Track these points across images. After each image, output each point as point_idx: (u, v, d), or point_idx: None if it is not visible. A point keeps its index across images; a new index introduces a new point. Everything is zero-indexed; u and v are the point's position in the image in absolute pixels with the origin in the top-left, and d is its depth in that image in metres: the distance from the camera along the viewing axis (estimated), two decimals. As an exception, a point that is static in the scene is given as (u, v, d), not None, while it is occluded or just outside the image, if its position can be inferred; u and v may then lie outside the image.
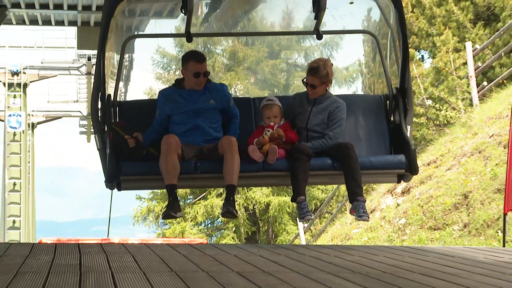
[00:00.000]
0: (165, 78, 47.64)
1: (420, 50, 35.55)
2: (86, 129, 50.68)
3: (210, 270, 7.20)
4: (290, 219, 40.98)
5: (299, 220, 10.12)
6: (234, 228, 40.59)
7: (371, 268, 7.56)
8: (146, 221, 43.33)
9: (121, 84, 10.18)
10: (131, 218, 43.84)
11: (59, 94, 52.92)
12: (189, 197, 42.31)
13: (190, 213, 41.36)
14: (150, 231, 42.92)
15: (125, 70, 10.89)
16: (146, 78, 50.50)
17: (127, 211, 44.79)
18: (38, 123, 52.63)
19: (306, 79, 9.75)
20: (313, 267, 7.50)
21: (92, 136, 43.68)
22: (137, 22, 24.06)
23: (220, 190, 39.27)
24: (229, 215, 9.49)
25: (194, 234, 39.75)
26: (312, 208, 39.15)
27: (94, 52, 9.83)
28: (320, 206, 33.07)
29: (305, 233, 29.96)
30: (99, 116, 9.53)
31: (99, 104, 9.51)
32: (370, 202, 25.59)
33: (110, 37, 9.45)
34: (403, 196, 22.84)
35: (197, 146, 9.79)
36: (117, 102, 9.94)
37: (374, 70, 39.00)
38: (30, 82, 50.16)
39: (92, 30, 24.43)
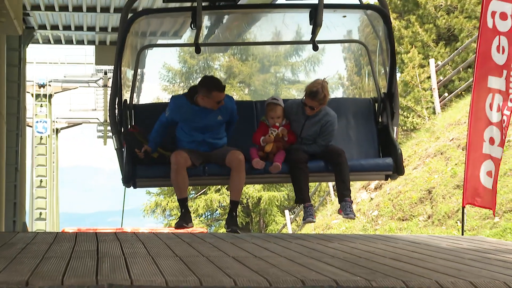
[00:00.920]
0: (170, 90, 47.60)
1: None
2: (102, 133, 50.55)
3: (209, 255, 7.18)
4: (278, 211, 40.94)
5: (303, 221, 9.84)
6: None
7: (349, 253, 7.54)
8: (155, 213, 43.43)
9: (134, 93, 10.03)
10: (142, 210, 43.92)
11: (80, 103, 52.89)
12: (191, 192, 42.27)
13: (192, 206, 41.37)
14: (158, 222, 42.93)
15: (137, 82, 10.55)
16: (154, 89, 50.36)
17: (138, 205, 44.78)
18: (61, 129, 52.58)
19: (305, 101, 9.35)
20: (298, 253, 7.48)
21: (108, 139, 43.10)
22: (147, 42, 24.02)
23: (218, 186, 39.20)
24: (233, 233, 9.29)
25: (196, 224, 39.65)
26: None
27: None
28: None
29: (291, 223, 29.92)
30: (116, 119, 9.33)
31: (116, 108, 9.34)
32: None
33: (125, 53, 9.29)
34: (376, 191, 22.83)
35: (203, 153, 9.53)
36: (132, 106, 9.75)
37: (355, 80, 39.05)
38: (55, 93, 50.10)
39: (108, 48, 24.35)
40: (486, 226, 15.43)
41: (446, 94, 27.36)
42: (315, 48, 9.95)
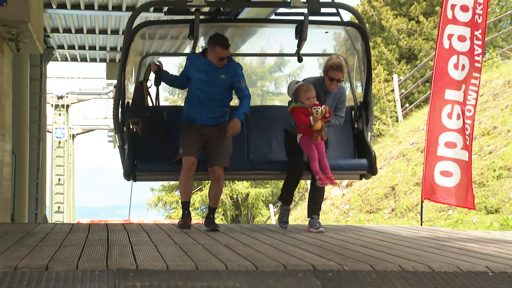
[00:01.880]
0: (170, 100, 47.50)
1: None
2: (112, 138, 50.48)
3: (204, 243, 7.17)
4: (264, 206, 40.92)
5: (278, 220, 9.53)
6: (222, 212, 40.53)
7: (324, 242, 7.54)
8: (157, 207, 43.48)
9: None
10: (146, 204, 43.96)
11: (93, 112, 52.88)
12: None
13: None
14: (160, 214, 42.87)
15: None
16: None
17: (143, 200, 44.76)
18: (77, 134, 52.54)
19: (330, 75, 8.56)
20: (280, 241, 7.47)
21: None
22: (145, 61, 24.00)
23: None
24: (214, 231, 8.64)
25: (193, 216, 39.64)
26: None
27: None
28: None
29: (275, 215, 29.88)
30: (119, 119, 8.97)
31: (119, 109, 9.01)
32: (323, 192, 25.60)
33: (129, 62, 8.98)
34: (347, 188, 22.82)
35: (204, 133, 8.63)
36: None
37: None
38: (71, 104, 50.08)
39: (117, 65, 24.17)
40: (441, 218, 15.45)
41: (407, 105, 27.47)
42: (300, 60, 9.59)
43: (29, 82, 17.95)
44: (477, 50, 10.17)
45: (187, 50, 19.65)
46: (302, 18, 8.85)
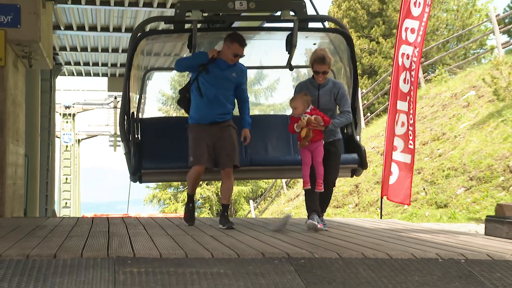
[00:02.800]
0: (163, 110, 47.44)
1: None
2: (112, 143, 50.30)
3: (193, 234, 7.16)
4: (245, 201, 40.88)
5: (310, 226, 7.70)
6: (209, 207, 40.49)
7: (297, 233, 7.54)
8: (152, 202, 43.48)
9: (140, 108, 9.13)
10: (142, 200, 43.95)
11: (96, 120, 52.75)
12: (179, 187, 42.24)
13: (180, 197, 41.32)
14: (154, 209, 42.84)
15: (142, 99, 9.74)
16: (151, 110, 50.42)
17: (140, 196, 44.75)
18: (82, 139, 52.30)
19: (316, 68, 7.66)
20: (259, 232, 7.47)
21: (117, 147, 42.24)
22: (148, 75, 23.93)
23: (200, 182, 39.02)
24: (230, 228, 7.80)
25: (183, 210, 39.64)
26: (259, 194, 39.12)
27: (119, 93, 8.80)
28: (264, 192, 33.00)
29: (254, 210, 29.89)
30: (125, 128, 8.44)
31: (125, 119, 8.48)
32: (296, 189, 25.57)
33: (132, 77, 8.52)
34: (317, 186, 22.84)
35: (212, 133, 7.87)
36: (138, 119, 8.83)
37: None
38: (77, 112, 49.91)
39: (117, 79, 24.23)
40: (398, 212, 15.50)
41: (369, 114, 27.61)
42: (291, 68, 9.01)
43: (40, 94, 17.91)
44: (413, 66, 10.24)
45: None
46: (291, 25, 8.28)
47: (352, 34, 32.92)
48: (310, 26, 8.60)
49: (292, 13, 7.95)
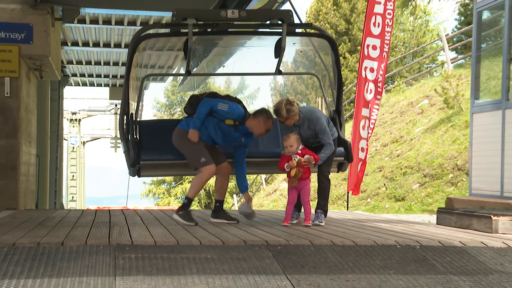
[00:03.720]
0: (158, 116, 47.30)
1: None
2: (113, 145, 50.08)
3: (183, 224, 7.13)
4: (229, 195, 40.82)
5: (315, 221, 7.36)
6: (198, 200, 40.39)
7: (274, 223, 7.53)
8: (148, 196, 43.39)
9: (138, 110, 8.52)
10: (139, 195, 43.88)
11: (99, 125, 52.48)
12: (172, 183, 42.15)
13: (173, 192, 41.27)
14: (150, 202, 42.72)
15: (140, 103, 9.27)
16: (147, 116, 50.27)
17: (137, 191, 44.63)
18: (87, 141, 52.03)
19: (277, 119, 7.24)
20: (242, 223, 7.45)
21: (118, 148, 41.72)
22: (145, 84, 23.85)
23: (190, 178, 38.91)
24: (233, 221, 7.26)
25: (175, 204, 39.48)
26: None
27: (119, 101, 8.31)
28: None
29: (237, 203, 29.84)
30: (124, 128, 7.87)
31: (124, 120, 7.88)
32: (274, 185, 25.58)
33: (131, 91, 7.96)
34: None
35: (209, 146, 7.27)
36: (137, 121, 8.19)
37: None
38: (82, 118, 49.64)
39: (117, 89, 24.14)
40: (362, 205, 15.55)
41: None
42: (280, 73, 8.26)
43: (50, 102, 17.81)
44: (379, 78, 10.31)
45: (182, 70, 19.33)
46: (280, 30, 7.59)
47: (322, 50, 33.09)
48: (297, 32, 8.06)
49: (280, 22, 7.54)
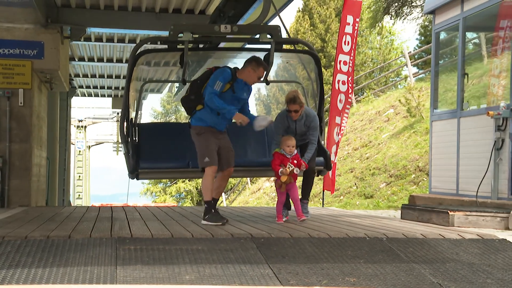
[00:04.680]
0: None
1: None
2: (115, 148, 49.84)
3: (177, 219, 7.11)
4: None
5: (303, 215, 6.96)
6: (190, 198, 40.29)
7: (258, 218, 7.52)
8: (146, 195, 43.19)
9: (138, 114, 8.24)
10: (139, 193, 43.69)
11: (102, 131, 52.24)
12: (168, 182, 42.01)
13: (168, 190, 41.14)
14: (148, 200, 42.54)
15: (139, 109, 9.01)
16: (145, 121, 49.95)
17: (137, 189, 44.46)
18: (92, 146, 51.75)
19: (288, 107, 6.92)
20: (229, 218, 7.43)
21: (119, 152, 41.29)
22: (143, 95, 23.77)
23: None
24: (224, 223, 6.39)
25: (170, 201, 39.34)
26: (230, 187, 38.94)
27: (120, 110, 7.94)
28: (233, 186, 32.93)
29: (225, 200, 29.80)
30: (125, 131, 7.50)
31: (125, 124, 7.48)
32: (258, 184, 25.57)
33: (131, 98, 7.62)
34: (273, 182, 22.86)
35: (217, 137, 6.60)
36: (136, 124, 7.86)
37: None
38: (88, 125, 49.37)
39: (119, 99, 24.00)
40: (336, 201, 15.58)
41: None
42: (267, 83, 7.87)
43: (59, 111, 17.71)
44: (349, 90, 10.35)
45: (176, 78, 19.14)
46: (269, 46, 7.37)
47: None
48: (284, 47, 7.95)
49: (269, 36, 7.28)
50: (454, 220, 6.89)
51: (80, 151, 47.65)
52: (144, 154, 7.79)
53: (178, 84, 22.02)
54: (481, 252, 5.00)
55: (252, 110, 7.03)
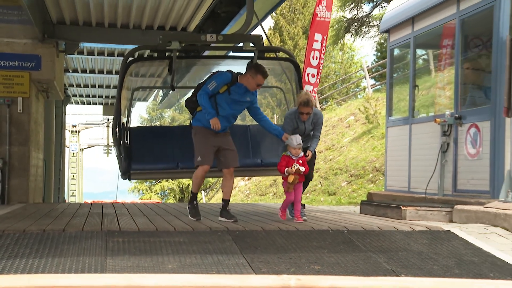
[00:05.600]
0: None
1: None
2: (106, 151, 49.33)
3: (162, 214, 7.07)
4: (200, 191, 40.63)
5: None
6: (173, 195, 40.06)
7: (236, 214, 7.51)
8: (134, 192, 42.85)
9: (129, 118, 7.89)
10: (127, 190, 43.36)
11: (94, 135, 52.02)
12: (153, 181, 41.72)
13: (154, 188, 40.83)
14: (135, 197, 42.20)
15: (130, 113, 8.71)
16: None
17: (125, 187, 44.17)
18: (84, 148, 51.17)
19: (301, 110, 6.40)
20: (208, 213, 7.42)
21: (110, 154, 40.63)
22: (133, 103, 23.49)
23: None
24: (235, 222, 6.04)
25: (156, 198, 39.09)
26: (208, 185, 38.82)
27: (111, 116, 7.66)
28: (212, 184, 32.84)
29: (205, 197, 29.70)
30: (117, 135, 7.23)
31: (117, 128, 7.26)
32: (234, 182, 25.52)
33: (122, 103, 7.36)
34: (248, 180, 22.86)
35: (216, 138, 6.20)
36: (128, 128, 7.54)
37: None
38: (81, 130, 48.83)
39: (109, 106, 23.79)
40: (303, 198, 15.56)
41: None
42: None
43: (54, 117, 17.50)
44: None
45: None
46: (252, 54, 7.22)
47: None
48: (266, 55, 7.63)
49: (251, 44, 7.09)
50: (406, 214, 6.96)
51: (74, 153, 47.11)
52: (135, 156, 7.58)
53: (162, 93, 21.90)
54: (429, 242, 5.07)
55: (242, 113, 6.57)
